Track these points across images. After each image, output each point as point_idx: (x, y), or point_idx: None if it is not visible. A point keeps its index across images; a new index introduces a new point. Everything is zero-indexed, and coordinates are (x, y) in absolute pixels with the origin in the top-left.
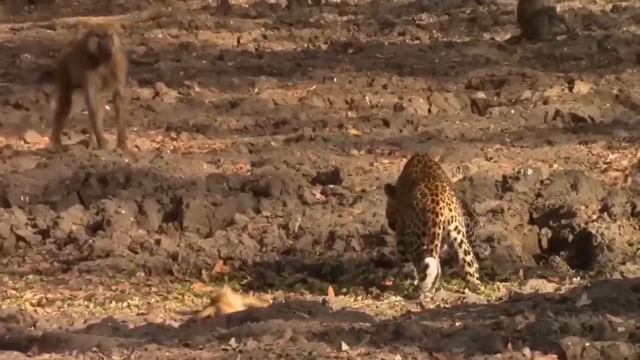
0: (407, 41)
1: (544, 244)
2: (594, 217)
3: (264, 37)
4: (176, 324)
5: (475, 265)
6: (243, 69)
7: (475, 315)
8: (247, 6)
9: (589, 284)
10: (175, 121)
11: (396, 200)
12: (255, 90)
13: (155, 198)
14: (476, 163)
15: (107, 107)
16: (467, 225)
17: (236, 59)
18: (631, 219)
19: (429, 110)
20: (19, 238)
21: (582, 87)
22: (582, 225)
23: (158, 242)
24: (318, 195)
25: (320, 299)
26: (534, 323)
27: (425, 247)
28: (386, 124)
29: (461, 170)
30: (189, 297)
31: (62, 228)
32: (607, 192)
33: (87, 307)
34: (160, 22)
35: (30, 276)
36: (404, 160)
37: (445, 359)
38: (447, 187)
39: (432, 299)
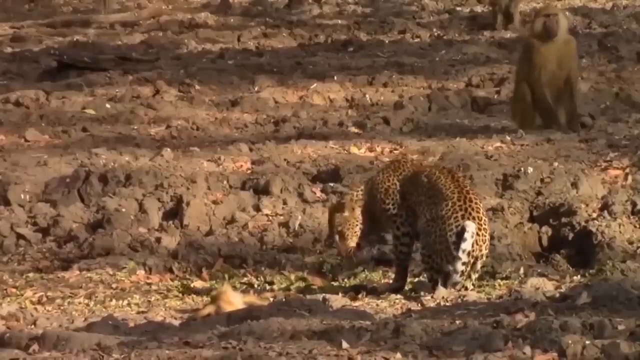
0: (408, 39)
1: (544, 242)
2: (595, 215)
3: (264, 35)
4: (176, 322)
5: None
6: (243, 67)
7: (476, 313)
8: (247, 4)
9: (589, 282)
10: (176, 119)
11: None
12: (256, 89)
13: (155, 196)
14: (476, 161)
15: (108, 106)
16: None
17: (236, 57)
18: (631, 217)
19: (429, 109)
20: (19, 236)
21: (582, 85)
22: (583, 223)
23: (158, 240)
24: (318, 194)
25: (320, 297)
26: (534, 321)
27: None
28: (386, 122)
29: (461, 168)
30: (189, 295)
31: (63, 226)
32: (608, 190)
33: (88, 305)
34: (160, 20)
35: (31, 274)
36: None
37: (446, 357)
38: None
39: (432, 297)
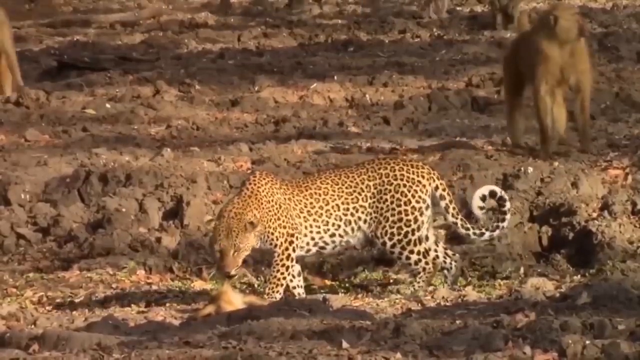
0: (408, 39)
1: (545, 242)
2: (595, 215)
3: (265, 35)
4: (176, 322)
5: None
6: (243, 67)
7: (476, 313)
8: (247, 4)
9: (589, 282)
10: (176, 119)
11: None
12: (256, 89)
13: (155, 196)
14: (476, 161)
15: (108, 106)
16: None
17: (237, 57)
18: (631, 217)
19: (429, 108)
20: (20, 236)
21: None
22: (583, 223)
23: (158, 240)
24: None
25: (320, 297)
26: (534, 321)
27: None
28: (386, 122)
29: (461, 168)
30: (190, 295)
31: (63, 226)
32: (608, 190)
33: (88, 305)
34: (160, 20)
35: (31, 274)
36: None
37: (446, 357)
38: None
39: (432, 297)
